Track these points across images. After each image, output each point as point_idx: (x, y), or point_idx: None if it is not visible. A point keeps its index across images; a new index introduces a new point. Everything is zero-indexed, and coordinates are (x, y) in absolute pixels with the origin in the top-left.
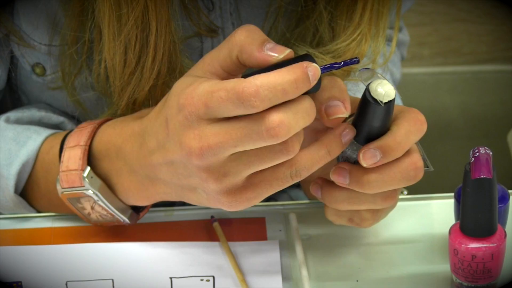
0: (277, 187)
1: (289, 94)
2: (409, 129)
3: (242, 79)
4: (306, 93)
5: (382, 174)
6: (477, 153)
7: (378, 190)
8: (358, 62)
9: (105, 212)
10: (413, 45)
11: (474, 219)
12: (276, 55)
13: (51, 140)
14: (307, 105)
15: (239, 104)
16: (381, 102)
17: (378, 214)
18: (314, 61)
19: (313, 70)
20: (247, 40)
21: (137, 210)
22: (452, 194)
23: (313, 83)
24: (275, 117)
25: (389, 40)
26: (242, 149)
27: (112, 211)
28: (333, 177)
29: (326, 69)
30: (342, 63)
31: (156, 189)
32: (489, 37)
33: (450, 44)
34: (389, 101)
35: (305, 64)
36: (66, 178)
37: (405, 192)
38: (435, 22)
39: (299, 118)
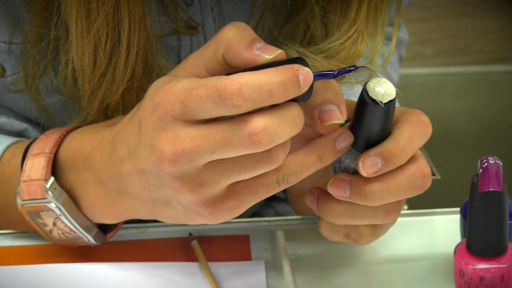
0: (263, 194)
1: (276, 97)
2: (413, 133)
3: (225, 76)
4: (295, 100)
5: (387, 184)
6: (486, 163)
7: (382, 202)
8: (354, 70)
9: (68, 230)
10: (415, 43)
11: (482, 237)
12: (265, 55)
13: (14, 149)
14: (296, 112)
15: (219, 103)
16: (381, 102)
17: (378, 230)
18: (307, 66)
19: (304, 74)
20: (235, 37)
21: (104, 229)
22: (458, 209)
23: (304, 89)
24: (259, 122)
25: (387, 39)
26: (220, 156)
27: (76, 228)
28: (332, 190)
29: (319, 77)
30: (336, 71)
31: (125, 205)
32: (498, 34)
33: (456, 42)
34: (390, 101)
35: (296, 66)
36: (27, 188)
37: (405, 207)
38: (439, 18)
39: (285, 126)
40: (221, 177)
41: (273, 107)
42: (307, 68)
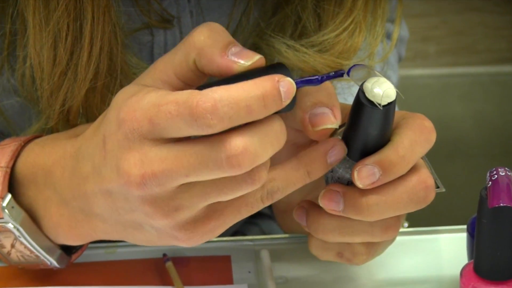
0: (246, 213)
1: (255, 113)
2: (414, 139)
3: (197, 91)
4: (277, 112)
5: (385, 196)
6: (496, 175)
7: (379, 217)
8: (342, 75)
9: (28, 252)
10: (416, 41)
11: (491, 258)
12: (242, 61)
13: None
14: (277, 128)
15: (191, 122)
16: (379, 104)
17: (374, 248)
18: (288, 73)
19: (286, 85)
20: (207, 41)
21: (68, 250)
22: (465, 226)
23: (286, 102)
24: (238, 142)
25: (386, 37)
26: (195, 179)
27: (36, 250)
28: (323, 203)
29: (302, 83)
30: (322, 77)
31: (91, 227)
32: (509, 31)
33: (462, 40)
34: (389, 103)
35: (277, 77)
36: None
37: (406, 224)
38: (443, 12)
39: (267, 144)
40: (198, 200)
41: (252, 122)
42: (288, 79)
